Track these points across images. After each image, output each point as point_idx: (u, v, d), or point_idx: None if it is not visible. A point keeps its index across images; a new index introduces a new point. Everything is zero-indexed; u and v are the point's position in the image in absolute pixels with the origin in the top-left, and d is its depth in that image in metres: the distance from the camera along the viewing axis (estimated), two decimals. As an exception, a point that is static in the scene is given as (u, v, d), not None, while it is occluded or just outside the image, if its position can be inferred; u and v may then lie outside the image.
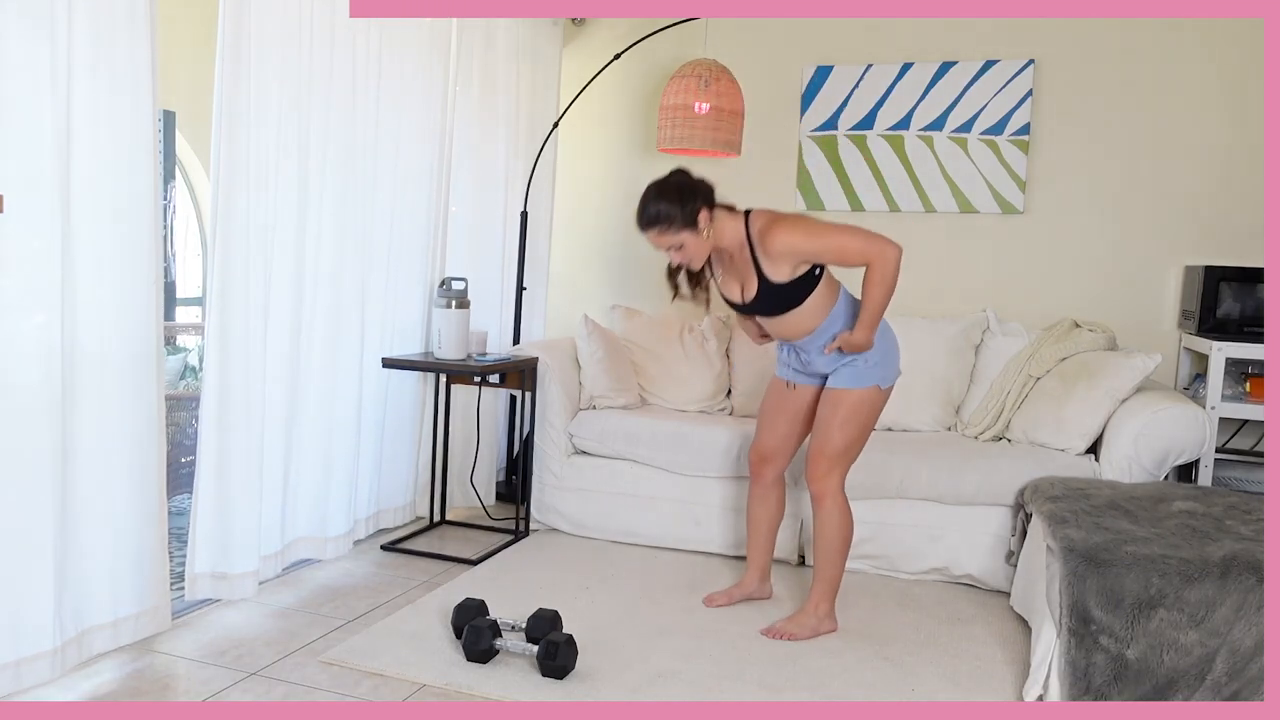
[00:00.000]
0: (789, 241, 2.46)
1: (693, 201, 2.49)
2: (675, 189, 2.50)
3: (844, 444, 2.64)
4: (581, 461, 3.54)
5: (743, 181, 4.21)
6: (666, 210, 2.48)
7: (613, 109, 4.38)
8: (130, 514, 2.35)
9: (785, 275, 2.51)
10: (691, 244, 2.52)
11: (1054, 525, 2.45)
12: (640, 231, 2.55)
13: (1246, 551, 2.21)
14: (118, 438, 2.30)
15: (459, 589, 2.92)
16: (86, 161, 2.16)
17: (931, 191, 3.93)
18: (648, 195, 2.52)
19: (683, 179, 2.53)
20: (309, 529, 3.07)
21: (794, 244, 2.46)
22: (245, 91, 2.59)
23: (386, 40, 3.16)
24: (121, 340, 2.28)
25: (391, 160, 3.25)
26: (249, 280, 2.65)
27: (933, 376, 3.58)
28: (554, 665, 2.30)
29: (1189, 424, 2.95)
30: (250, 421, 2.69)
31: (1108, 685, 2.16)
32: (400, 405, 3.50)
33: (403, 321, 3.44)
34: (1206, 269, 3.39)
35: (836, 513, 2.66)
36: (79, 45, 2.11)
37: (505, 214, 3.98)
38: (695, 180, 2.54)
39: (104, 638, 2.33)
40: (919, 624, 2.80)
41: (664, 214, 2.48)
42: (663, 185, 2.51)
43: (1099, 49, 3.73)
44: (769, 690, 2.33)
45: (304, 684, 2.27)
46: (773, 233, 2.47)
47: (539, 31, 4.14)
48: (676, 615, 2.79)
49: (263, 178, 2.68)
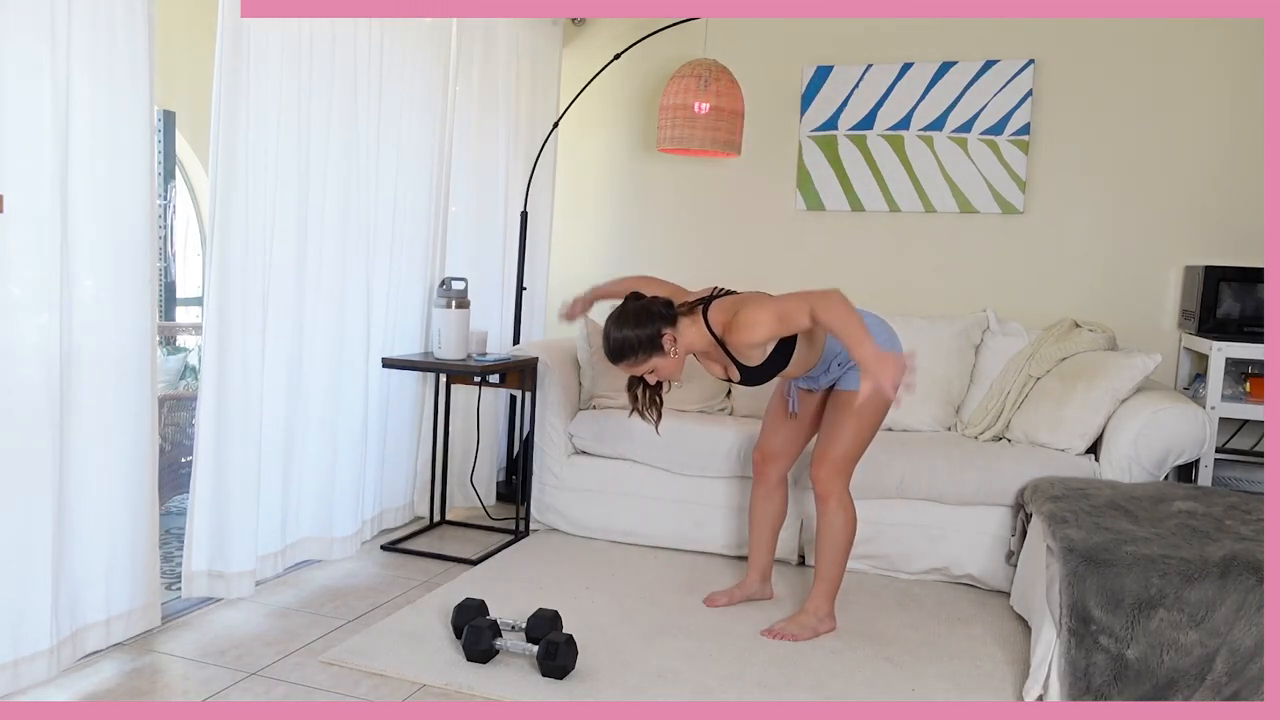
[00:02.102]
0: (750, 340, 2.43)
1: (651, 326, 2.43)
2: (633, 317, 2.44)
3: (851, 445, 2.63)
4: (581, 461, 3.54)
5: (743, 181, 4.21)
6: (631, 342, 2.43)
7: (613, 109, 4.38)
8: (123, 512, 2.35)
9: (760, 357, 2.50)
10: (663, 366, 2.48)
11: (1054, 525, 2.45)
12: (612, 365, 2.51)
13: (1246, 551, 2.21)
14: (112, 436, 2.30)
15: (459, 589, 2.92)
16: (85, 161, 2.16)
17: (931, 191, 3.93)
18: (607, 329, 2.47)
19: (638, 306, 2.48)
20: (314, 529, 3.07)
21: (755, 340, 2.43)
22: (245, 91, 2.59)
23: (387, 40, 3.16)
24: (116, 340, 2.28)
25: (392, 160, 3.25)
26: (247, 280, 2.65)
27: (933, 376, 3.58)
28: (554, 665, 2.30)
29: (1189, 424, 2.95)
30: (248, 421, 2.70)
31: (1108, 685, 2.16)
32: (400, 405, 3.50)
33: (403, 321, 3.44)
34: (1206, 269, 3.39)
35: (841, 513, 2.66)
36: (79, 45, 2.11)
37: (505, 214, 3.98)
38: (650, 303, 2.48)
39: (97, 636, 2.34)
40: (919, 624, 2.80)
41: (628, 347, 2.44)
42: (621, 316, 2.46)
43: (1099, 49, 3.73)
44: (769, 690, 2.33)
45: (304, 684, 2.27)
46: (734, 335, 2.45)
47: (539, 31, 4.14)
48: (676, 615, 2.79)
49: (262, 177, 2.68)
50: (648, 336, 2.43)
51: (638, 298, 2.52)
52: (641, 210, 4.37)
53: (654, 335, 2.44)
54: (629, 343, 2.44)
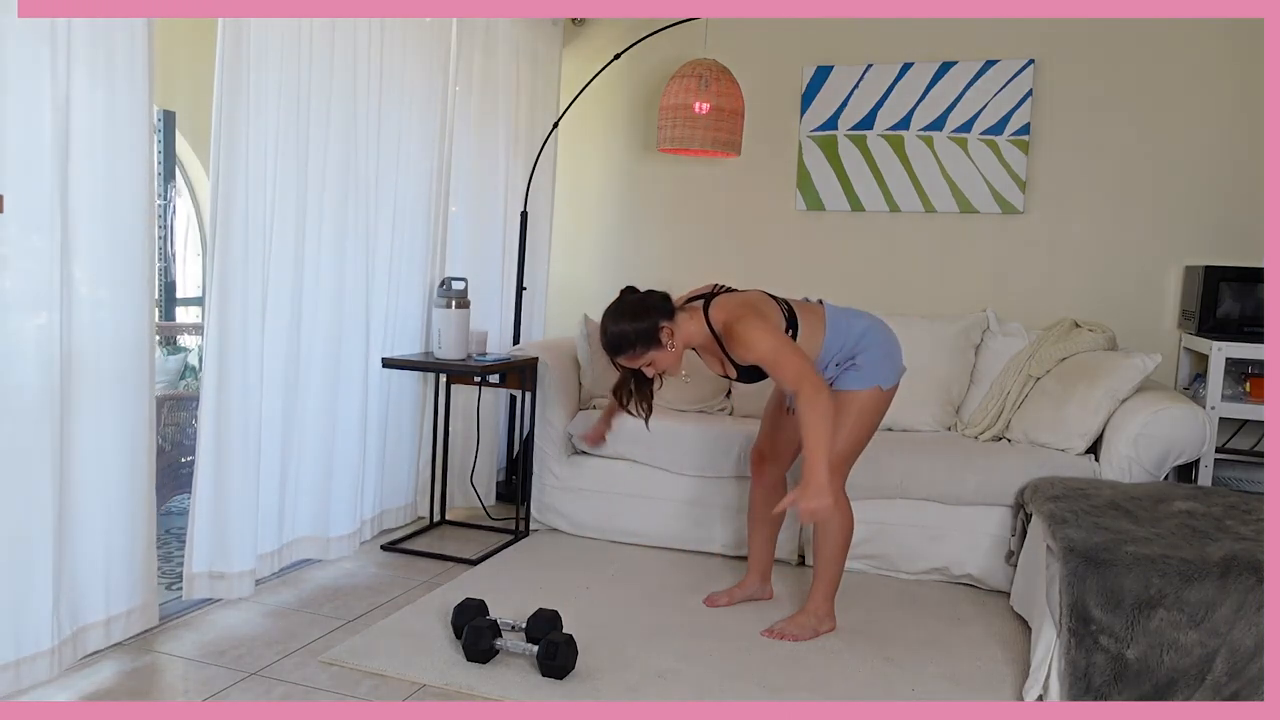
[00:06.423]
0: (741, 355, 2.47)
1: (648, 319, 2.45)
2: (630, 310, 2.46)
3: (847, 446, 2.63)
4: (581, 461, 3.54)
5: (743, 181, 4.21)
6: (630, 335, 2.45)
7: (613, 109, 4.38)
8: (122, 512, 2.35)
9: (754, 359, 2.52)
10: (659, 358, 2.50)
11: (1054, 525, 2.45)
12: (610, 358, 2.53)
13: (1246, 551, 2.21)
14: (111, 436, 2.30)
15: (459, 589, 2.92)
16: (85, 162, 2.16)
17: (931, 191, 3.93)
18: (604, 322, 2.49)
19: (635, 299, 2.50)
20: (312, 529, 3.07)
21: (745, 357, 2.46)
22: (245, 91, 2.59)
23: (386, 40, 3.16)
24: (115, 340, 2.28)
25: (392, 160, 3.25)
26: (248, 280, 2.65)
27: (933, 376, 3.58)
28: (554, 665, 2.30)
29: (1189, 424, 2.95)
30: (247, 421, 2.70)
31: (1108, 685, 2.16)
32: (400, 405, 3.50)
33: (403, 321, 3.44)
34: (1206, 269, 3.39)
35: (838, 514, 2.66)
36: (79, 45, 2.11)
37: (505, 214, 3.98)
38: (647, 296, 2.51)
39: (97, 636, 2.34)
40: (919, 624, 2.80)
41: (627, 340, 2.45)
42: (618, 309, 2.48)
43: (1099, 49, 3.73)
44: (769, 690, 2.33)
45: (304, 684, 2.27)
46: (730, 339, 2.47)
47: (539, 31, 4.14)
48: (676, 615, 2.79)
49: (262, 177, 2.68)
50: (644, 330, 2.45)
51: (634, 291, 2.53)
52: (641, 210, 4.37)
53: (651, 329, 2.45)
54: (626, 336, 2.46)
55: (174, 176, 4.45)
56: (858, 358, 2.60)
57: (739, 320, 2.46)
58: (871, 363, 2.60)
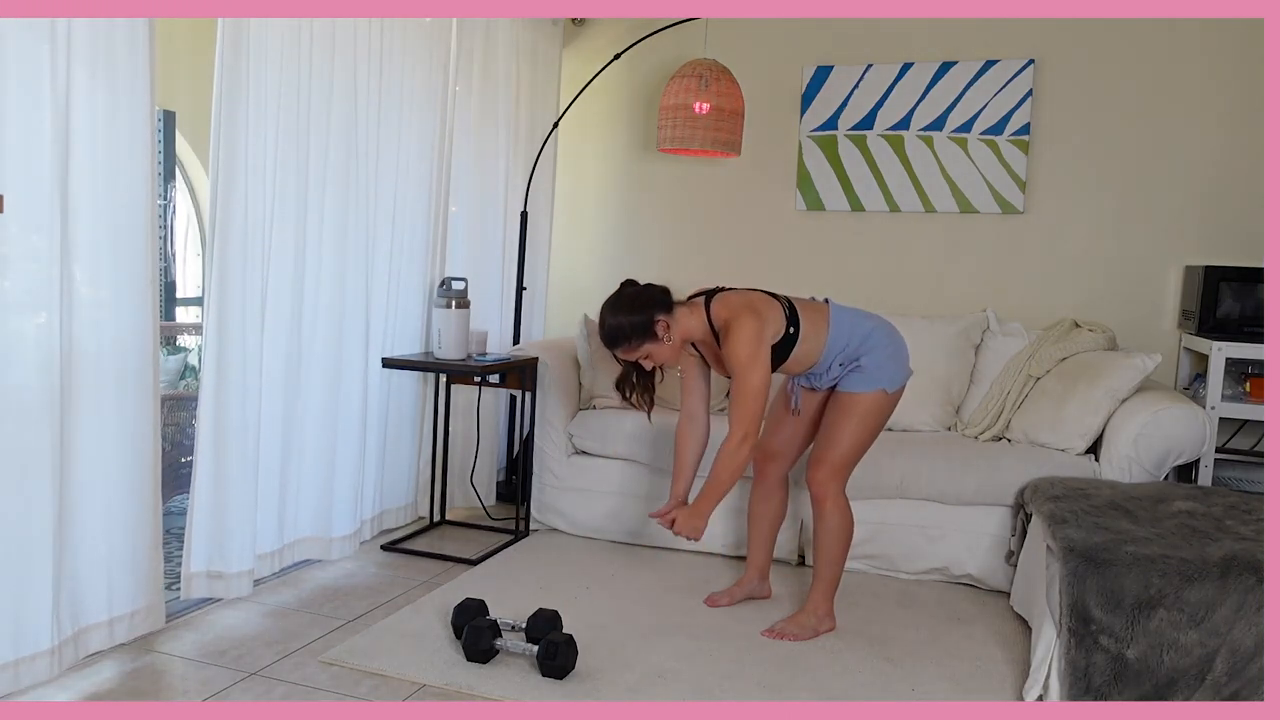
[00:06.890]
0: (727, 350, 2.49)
1: (645, 312, 2.49)
2: (628, 303, 2.50)
3: (849, 448, 2.63)
4: (581, 461, 3.54)
5: (743, 181, 4.21)
6: (626, 328, 2.49)
7: (613, 109, 4.38)
8: (125, 513, 2.35)
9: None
10: (657, 352, 2.54)
11: (1054, 525, 2.45)
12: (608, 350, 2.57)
13: (1246, 551, 2.21)
14: (114, 436, 2.30)
15: (459, 589, 2.92)
16: (85, 162, 2.16)
17: (931, 191, 3.93)
18: (603, 314, 2.53)
19: (634, 292, 2.54)
20: (312, 529, 3.07)
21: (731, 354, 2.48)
22: (245, 91, 2.59)
23: (386, 40, 3.16)
24: (118, 340, 2.28)
25: (392, 160, 3.25)
26: (247, 280, 2.65)
27: (933, 376, 3.58)
28: (554, 665, 2.30)
29: (1189, 424, 2.95)
30: (247, 420, 2.69)
31: (1108, 685, 2.16)
32: (400, 405, 3.50)
33: (403, 321, 3.44)
34: (1206, 269, 3.39)
35: (837, 514, 2.66)
36: (79, 45, 2.11)
37: (505, 214, 3.98)
38: (645, 289, 2.54)
39: (100, 636, 2.33)
40: (919, 624, 2.80)
41: (623, 332, 2.49)
42: (616, 302, 2.52)
43: (1099, 49, 3.73)
44: (769, 690, 2.33)
45: (304, 684, 2.27)
46: (729, 338, 2.49)
47: (539, 31, 4.14)
48: (676, 615, 2.79)
49: (262, 177, 2.68)
50: (642, 322, 2.48)
51: (633, 284, 2.55)
52: (641, 210, 4.37)
53: (648, 321, 2.48)
54: (623, 328, 2.49)
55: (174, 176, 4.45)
56: (862, 359, 2.60)
57: (737, 319, 2.48)
58: (876, 365, 2.60)
